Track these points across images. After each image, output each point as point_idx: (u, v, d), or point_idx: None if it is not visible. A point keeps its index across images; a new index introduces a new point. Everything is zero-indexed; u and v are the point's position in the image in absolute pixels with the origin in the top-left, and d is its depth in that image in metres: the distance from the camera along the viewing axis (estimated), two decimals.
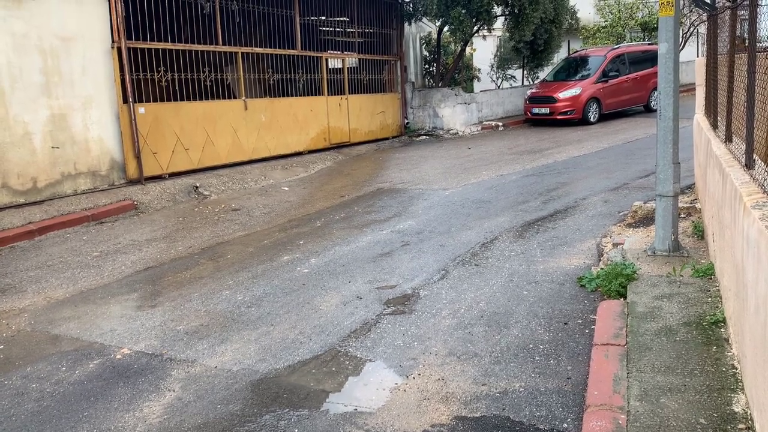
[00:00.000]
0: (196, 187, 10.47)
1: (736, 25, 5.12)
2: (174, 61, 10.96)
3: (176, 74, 11.03)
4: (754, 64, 3.92)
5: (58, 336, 5.03)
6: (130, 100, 10.02)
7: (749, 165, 3.97)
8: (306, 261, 6.60)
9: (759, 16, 3.86)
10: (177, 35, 11.00)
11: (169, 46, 10.87)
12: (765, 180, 3.41)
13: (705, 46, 8.35)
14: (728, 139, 5.18)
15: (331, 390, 3.94)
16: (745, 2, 4.27)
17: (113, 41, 9.85)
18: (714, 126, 6.38)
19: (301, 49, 13.88)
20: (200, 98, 11.58)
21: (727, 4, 5.42)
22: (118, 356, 4.60)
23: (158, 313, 5.40)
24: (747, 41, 4.08)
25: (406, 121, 17.66)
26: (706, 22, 7.99)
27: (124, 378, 4.26)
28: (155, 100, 10.97)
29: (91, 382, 4.24)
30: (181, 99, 11.29)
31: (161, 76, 10.72)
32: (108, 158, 9.98)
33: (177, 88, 11.13)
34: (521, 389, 3.78)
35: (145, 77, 10.54)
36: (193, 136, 11.33)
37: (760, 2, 3.90)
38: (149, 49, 10.54)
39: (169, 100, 11.18)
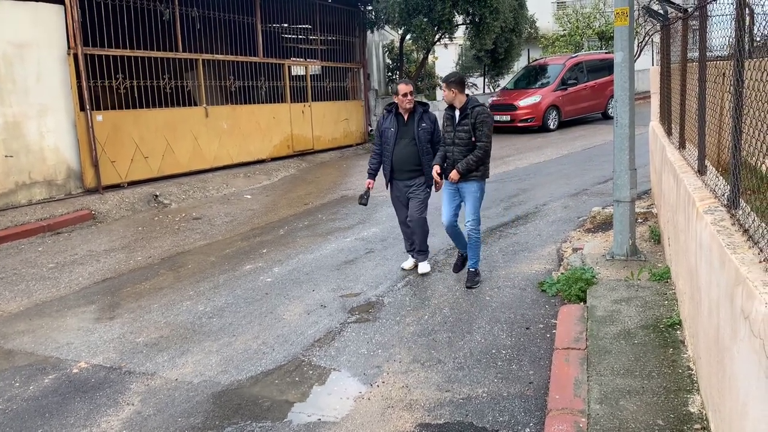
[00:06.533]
0: (156, 195, 10.29)
1: (688, 34, 5.27)
2: (133, 68, 10.76)
3: (135, 81, 10.83)
4: (705, 73, 4.04)
5: (11, 351, 4.87)
6: (88, 107, 9.80)
7: (701, 171, 4.08)
8: (269, 270, 6.54)
9: (708, 27, 3.98)
10: (136, 42, 10.82)
11: (127, 52, 10.68)
12: (716, 185, 3.52)
13: (659, 55, 8.58)
14: (682, 145, 5.33)
15: (294, 400, 3.90)
16: (696, 13, 4.41)
17: (69, 48, 9.63)
18: (668, 133, 6.55)
19: (263, 56, 13.79)
20: (160, 105, 11.40)
21: (679, 14, 5.58)
22: (75, 370, 4.48)
23: (117, 325, 5.28)
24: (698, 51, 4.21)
25: (369, 128, 17.67)
26: (660, 32, 8.21)
27: (81, 393, 4.15)
28: (114, 108, 10.76)
29: (47, 397, 4.11)
30: (141, 106, 11.10)
31: (120, 83, 10.52)
32: (64, 167, 9.74)
33: (136, 95, 10.93)
34: (484, 395, 3.81)
35: (103, 84, 10.33)
36: (153, 144, 11.13)
37: (709, 13, 4.03)
38: (107, 56, 10.34)
39: (127, 107, 10.99)
